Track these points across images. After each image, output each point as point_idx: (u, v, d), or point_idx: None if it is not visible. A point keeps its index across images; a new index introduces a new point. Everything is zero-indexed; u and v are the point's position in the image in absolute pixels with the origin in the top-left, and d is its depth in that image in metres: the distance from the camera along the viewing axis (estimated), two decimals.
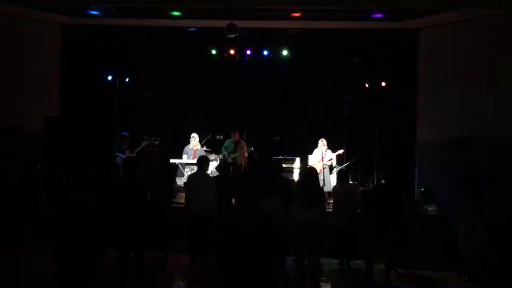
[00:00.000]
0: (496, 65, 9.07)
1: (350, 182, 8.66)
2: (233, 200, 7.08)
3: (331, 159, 10.47)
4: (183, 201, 8.19)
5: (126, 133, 10.33)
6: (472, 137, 8.88)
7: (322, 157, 10.43)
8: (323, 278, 6.67)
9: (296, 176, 9.91)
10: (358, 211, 7.05)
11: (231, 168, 9.52)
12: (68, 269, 4.56)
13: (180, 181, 9.81)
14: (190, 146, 10.53)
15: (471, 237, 6.29)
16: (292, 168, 10.67)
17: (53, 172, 8.39)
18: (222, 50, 11.68)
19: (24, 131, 9.39)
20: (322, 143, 10.55)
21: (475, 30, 9.36)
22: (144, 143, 10.42)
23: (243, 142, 10.52)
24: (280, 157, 10.86)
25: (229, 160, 10.08)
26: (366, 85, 11.38)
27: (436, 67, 9.95)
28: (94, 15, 10.02)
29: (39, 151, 8.67)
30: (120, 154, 9.73)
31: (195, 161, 8.71)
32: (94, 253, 4.66)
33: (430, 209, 8.88)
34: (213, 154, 10.64)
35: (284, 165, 9.49)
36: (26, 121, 9.50)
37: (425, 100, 10.14)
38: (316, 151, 10.61)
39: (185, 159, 10.52)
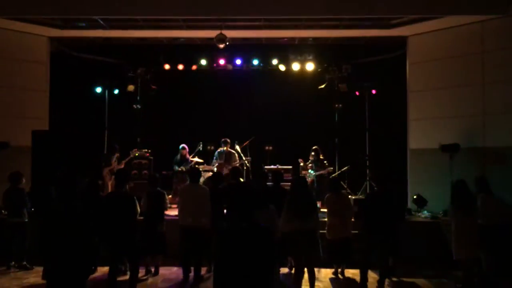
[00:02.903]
0: (484, 71, 9.16)
1: (343, 191, 8.63)
2: (225, 212, 7.03)
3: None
4: (174, 213, 8.14)
5: (116, 146, 10.24)
6: (462, 143, 8.93)
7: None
8: None
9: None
10: (352, 220, 7.00)
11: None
12: (58, 285, 4.46)
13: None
14: (179, 156, 10.45)
15: (463, 243, 6.26)
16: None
17: (42, 186, 8.30)
18: (212, 60, 11.69)
19: (12, 146, 9.25)
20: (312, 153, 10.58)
21: (462, 37, 9.47)
22: (131, 154, 10.38)
23: (234, 153, 10.49)
24: (272, 166, 10.84)
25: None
26: (357, 93, 11.43)
27: (425, 74, 10.04)
28: (82, 27, 9.98)
29: (27, 166, 8.55)
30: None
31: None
32: (84, 267, 4.57)
33: (422, 216, 8.90)
34: (204, 165, 10.57)
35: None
36: (13, 135, 9.36)
37: (416, 107, 10.20)
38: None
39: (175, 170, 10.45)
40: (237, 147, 10.72)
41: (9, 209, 7.61)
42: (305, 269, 5.98)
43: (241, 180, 7.85)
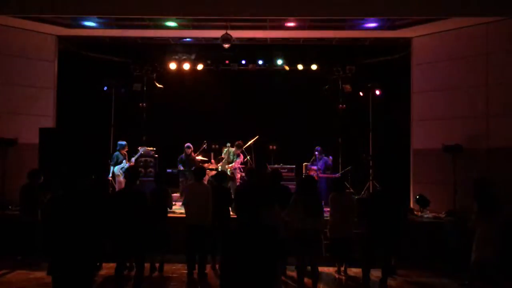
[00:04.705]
0: (488, 72, 9.19)
1: (347, 190, 8.69)
2: (230, 210, 7.10)
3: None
4: (178, 210, 8.23)
5: (123, 143, 10.28)
6: (465, 144, 8.97)
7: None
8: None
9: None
10: (355, 219, 7.06)
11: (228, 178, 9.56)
12: (64, 281, 4.52)
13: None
14: (184, 155, 10.52)
15: (485, 245, 6.13)
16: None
17: (49, 183, 8.37)
18: (217, 60, 11.77)
19: (20, 143, 9.35)
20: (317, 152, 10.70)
21: (466, 38, 9.50)
22: (141, 151, 10.44)
23: (241, 156, 10.55)
24: (276, 165, 10.92)
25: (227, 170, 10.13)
26: (361, 93, 11.47)
27: (429, 75, 10.07)
28: (89, 26, 10.08)
29: (34, 162, 8.65)
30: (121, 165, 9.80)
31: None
32: (89, 263, 4.63)
33: (425, 216, 8.95)
34: (210, 163, 10.65)
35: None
36: (21, 132, 9.47)
37: (419, 108, 10.24)
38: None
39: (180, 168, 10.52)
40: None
41: (23, 207, 7.61)
42: (308, 268, 6.06)
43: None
